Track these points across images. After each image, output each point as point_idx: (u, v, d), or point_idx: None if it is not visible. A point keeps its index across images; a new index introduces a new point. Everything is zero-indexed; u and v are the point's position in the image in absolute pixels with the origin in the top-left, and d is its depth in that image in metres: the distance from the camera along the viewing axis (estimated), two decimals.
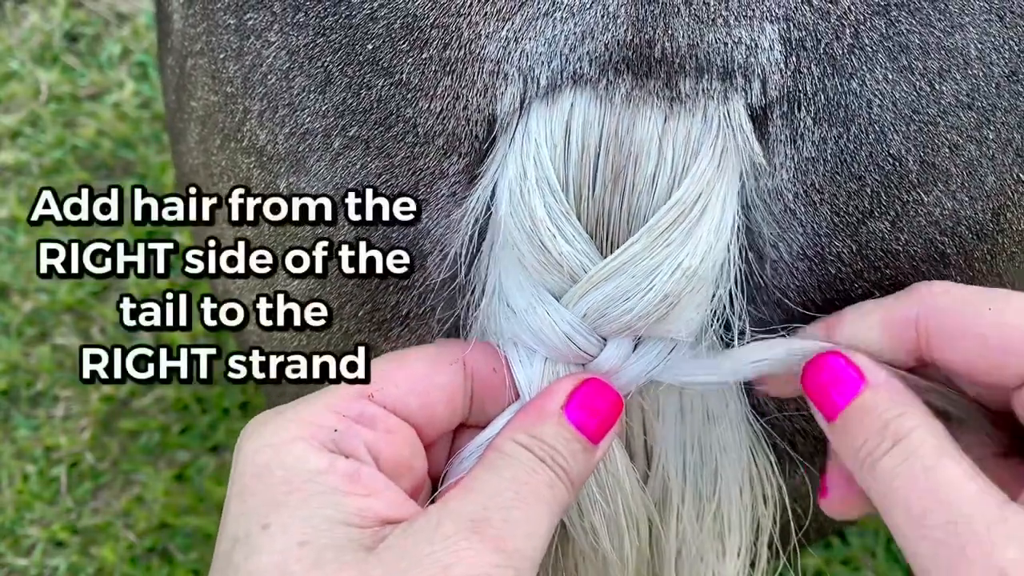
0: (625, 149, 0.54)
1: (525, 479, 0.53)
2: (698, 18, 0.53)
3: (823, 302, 0.58)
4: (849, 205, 0.56)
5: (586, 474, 0.56)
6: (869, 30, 0.54)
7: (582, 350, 0.58)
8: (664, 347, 0.58)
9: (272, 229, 0.61)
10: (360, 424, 0.54)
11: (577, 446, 0.55)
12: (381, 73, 0.56)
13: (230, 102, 0.61)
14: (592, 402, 0.57)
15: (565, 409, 0.56)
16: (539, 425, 0.55)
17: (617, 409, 0.57)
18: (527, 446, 0.54)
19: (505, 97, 0.54)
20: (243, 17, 0.59)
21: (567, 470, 0.54)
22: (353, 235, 0.58)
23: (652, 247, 0.54)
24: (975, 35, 0.55)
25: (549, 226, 0.55)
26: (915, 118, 0.54)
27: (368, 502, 0.51)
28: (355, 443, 0.53)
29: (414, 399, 0.56)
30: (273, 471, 0.51)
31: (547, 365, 0.59)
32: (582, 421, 0.56)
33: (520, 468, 0.53)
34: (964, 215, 0.57)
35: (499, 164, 0.56)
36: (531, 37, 0.54)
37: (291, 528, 0.49)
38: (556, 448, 0.54)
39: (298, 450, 0.52)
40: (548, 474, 0.53)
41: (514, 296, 0.57)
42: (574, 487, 0.55)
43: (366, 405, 0.55)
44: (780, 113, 0.54)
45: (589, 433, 0.56)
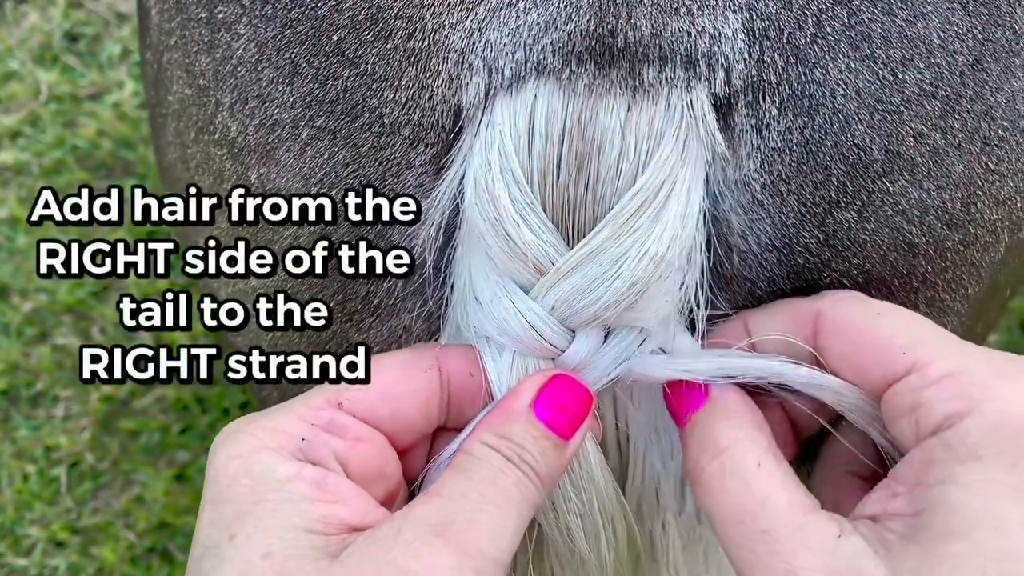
0: (588, 138, 0.54)
1: (492, 481, 0.53)
2: (661, 7, 0.53)
3: (792, 292, 0.58)
4: (815, 195, 0.56)
5: (558, 472, 0.56)
6: (831, 19, 0.54)
7: (550, 343, 0.58)
8: (634, 338, 0.58)
9: (267, 227, 0.61)
10: (329, 433, 0.54)
11: (547, 443, 0.55)
12: (347, 64, 0.56)
13: (203, 95, 0.61)
14: (561, 398, 0.56)
15: (534, 407, 0.56)
16: (507, 424, 0.55)
17: (587, 404, 0.57)
18: (495, 447, 0.54)
19: (470, 87, 0.55)
20: (214, 10, 0.59)
21: (536, 469, 0.54)
22: (353, 235, 0.59)
23: (618, 235, 0.54)
24: (937, 24, 0.55)
25: (514, 216, 0.55)
26: (879, 107, 0.54)
27: (334, 509, 0.52)
28: (323, 452, 0.54)
29: (385, 406, 0.56)
30: (241, 481, 0.52)
31: (516, 359, 0.58)
32: (551, 418, 0.56)
33: (487, 470, 0.53)
34: (932, 204, 0.57)
35: (465, 155, 0.56)
36: (495, 28, 0.54)
37: (255, 539, 0.50)
38: (524, 447, 0.54)
39: (266, 459, 0.52)
40: (516, 474, 0.53)
41: (480, 287, 0.57)
42: (544, 485, 0.55)
43: (336, 414, 0.55)
44: (745, 103, 0.54)
45: (559, 430, 0.56)
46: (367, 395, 0.56)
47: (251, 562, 0.49)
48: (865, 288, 0.58)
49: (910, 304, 0.60)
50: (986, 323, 0.70)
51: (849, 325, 0.55)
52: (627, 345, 0.58)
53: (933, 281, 0.60)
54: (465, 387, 0.59)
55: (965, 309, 0.63)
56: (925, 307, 0.61)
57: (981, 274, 0.62)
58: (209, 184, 0.64)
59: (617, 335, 0.58)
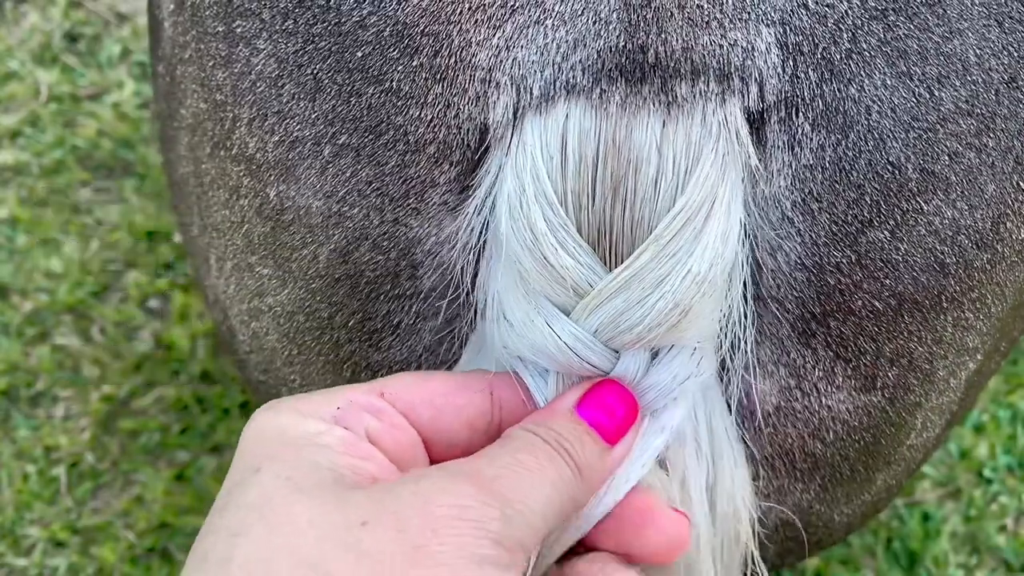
0: (624, 157, 0.53)
1: (528, 449, 0.52)
2: (692, 21, 0.52)
3: (821, 313, 0.58)
4: (848, 214, 0.55)
5: (599, 472, 0.55)
6: (867, 35, 0.53)
7: (592, 364, 0.57)
8: (686, 356, 0.58)
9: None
10: (366, 411, 0.53)
11: (588, 438, 0.54)
12: (371, 80, 0.55)
13: (219, 110, 0.61)
14: (606, 400, 0.56)
15: (578, 406, 0.56)
16: (550, 418, 0.55)
17: (634, 411, 0.57)
18: (534, 431, 0.53)
19: (498, 106, 0.54)
20: (232, 24, 0.59)
21: (573, 455, 0.53)
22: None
23: (660, 256, 0.53)
24: (974, 41, 0.54)
25: (551, 240, 0.54)
26: (914, 125, 0.54)
27: (363, 463, 0.50)
28: (356, 423, 0.52)
29: (426, 410, 0.55)
30: (269, 434, 0.51)
31: (560, 380, 0.58)
32: (596, 419, 0.55)
33: (525, 444, 0.52)
34: (964, 224, 0.56)
35: (493, 175, 0.55)
36: (522, 45, 0.53)
37: (279, 468, 0.49)
38: (563, 435, 0.53)
39: (298, 419, 0.52)
40: (550, 451, 0.52)
41: (511, 309, 0.56)
42: (583, 476, 0.53)
43: (375, 400, 0.54)
44: (778, 119, 0.53)
45: (604, 432, 0.55)
46: (410, 394, 0.55)
47: (274, 484, 0.48)
48: (897, 310, 0.57)
49: (939, 325, 0.59)
50: (1009, 340, 0.69)
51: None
52: (682, 363, 0.58)
53: (960, 301, 0.59)
54: (516, 414, 0.58)
55: (988, 327, 0.63)
56: (952, 327, 0.60)
57: (1005, 293, 0.61)
58: (224, 200, 0.63)
59: (668, 353, 0.58)
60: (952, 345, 0.61)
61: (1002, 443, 1.57)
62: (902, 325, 0.58)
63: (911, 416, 0.64)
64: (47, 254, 1.66)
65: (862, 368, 0.60)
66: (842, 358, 0.59)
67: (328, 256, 0.59)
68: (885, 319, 0.58)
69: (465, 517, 0.46)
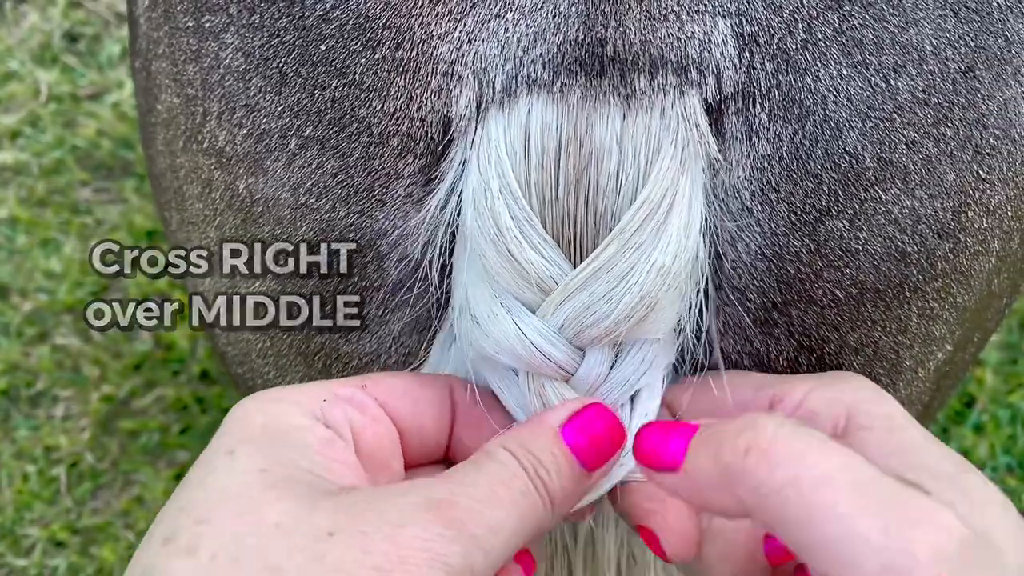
0: (585, 150, 0.54)
1: (503, 481, 0.52)
2: (650, 14, 0.52)
3: (783, 302, 0.58)
4: (806, 203, 0.55)
5: (572, 499, 0.55)
6: (822, 25, 0.53)
7: (557, 363, 0.57)
8: (646, 352, 0.58)
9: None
10: (350, 405, 0.54)
11: (565, 464, 0.54)
12: (335, 73, 0.56)
13: (191, 104, 0.61)
14: (594, 427, 0.55)
15: (563, 428, 0.55)
16: (532, 437, 0.54)
17: (619, 441, 0.56)
18: (513, 452, 0.53)
19: (460, 99, 0.54)
20: (201, 19, 0.59)
21: (548, 485, 0.53)
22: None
23: (624, 249, 0.54)
24: (930, 30, 0.54)
25: (515, 234, 0.54)
26: (871, 114, 0.54)
27: (338, 467, 0.51)
28: (340, 418, 0.53)
29: (405, 402, 0.56)
30: (253, 418, 0.51)
31: (531, 380, 0.58)
32: (578, 444, 0.54)
33: (501, 471, 0.52)
34: (924, 213, 0.56)
35: (457, 168, 0.56)
36: (484, 39, 0.53)
37: (255, 457, 0.49)
38: (541, 461, 0.53)
39: (282, 408, 0.52)
40: (525, 483, 0.52)
41: (477, 305, 0.57)
42: (554, 506, 0.53)
43: (358, 392, 0.55)
44: (735, 109, 0.54)
45: (583, 458, 0.54)
46: (391, 385, 0.56)
47: (245, 471, 0.48)
48: (859, 299, 0.58)
49: (903, 314, 0.60)
50: (984, 331, 0.70)
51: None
52: (641, 360, 0.58)
53: (923, 290, 0.59)
54: (470, 413, 0.59)
55: (954, 317, 0.63)
56: (916, 317, 0.60)
57: (971, 283, 0.61)
58: (198, 193, 0.64)
59: (629, 351, 0.58)
60: (918, 335, 0.62)
61: (1002, 443, 1.57)
62: (864, 314, 0.59)
63: None
64: (47, 254, 1.67)
65: (826, 357, 0.60)
66: (805, 347, 0.59)
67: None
68: (847, 308, 0.58)
69: (428, 549, 0.47)
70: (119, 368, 1.60)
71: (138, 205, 1.70)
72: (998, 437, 1.58)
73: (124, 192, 1.71)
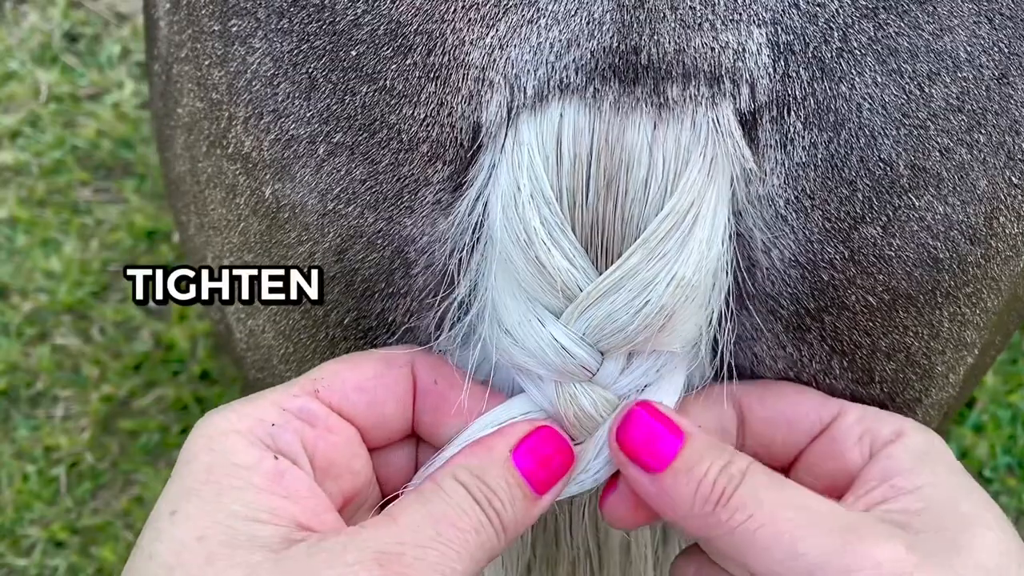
0: (616, 156, 0.54)
1: (452, 520, 0.52)
2: (684, 23, 0.52)
3: (816, 308, 0.58)
4: (840, 211, 0.55)
5: (524, 524, 0.55)
6: (857, 33, 0.53)
7: (583, 366, 0.57)
8: (654, 361, 0.58)
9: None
10: (301, 420, 0.54)
11: (519, 492, 0.54)
12: (365, 79, 0.55)
13: (215, 109, 0.61)
14: (544, 450, 0.56)
15: (514, 453, 0.55)
16: (484, 464, 0.54)
17: (568, 462, 0.57)
18: (465, 484, 0.53)
19: (491, 105, 0.54)
20: (227, 23, 0.59)
21: (502, 516, 0.53)
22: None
23: (648, 259, 0.54)
24: (964, 37, 0.54)
25: (544, 239, 0.54)
26: (905, 122, 0.54)
27: (285, 504, 0.51)
28: (291, 439, 0.53)
29: (360, 397, 0.57)
30: (200, 458, 0.52)
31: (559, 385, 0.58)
32: (530, 469, 0.55)
33: (451, 506, 0.52)
34: (956, 219, 0.56)
35: (487, 173, 0.55)
36: (516, 44, 0.53)
37: (193, 519, 0.50)
38: (496, 492, 0.53)
39: (230, 442, 0.52)
40: (479, 516, 0.52)
41: (507, 310, 0.57)
42: (507, 535, 0.54)
43: (310, 402, 0.55)
44: (769, 118, 0.54)
45: (535, 482, 0.55)
46: (343, 384, 0.56)
47: (184, 542, 0.49)
48: (891, 305, 0.58)
49: (935, 320, 0.60)
50: (1004, 334, 0.70)
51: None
52: (647, 368, 0.58)
53: (955, 295, 0.59)
54: (428, 394, 0.59)
55: (984, 322, 0.63)
56: (948, 322, 0.60)
57: (1000, 287, 0.61)
58: (221, 198, 0.63)
59: (639, 358, 0.58)
60: (950, 340, 0.62)
61: (1002, 443, 1.57)
62: (897, 320, 0.59)
63: (911, 412, 0.64)
64: (47, 254, 1.66)
65: (858, 361, 0.60)
66: (838, 352, 0.59)
67: (323, 254, 0.59)
68: (880, 314, 0.58)
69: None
70: (119, 368, 1.60)
71: (138, 205, 1.69)
72: (998, 437, 1.58)
73: (124, 192, 1.71)
